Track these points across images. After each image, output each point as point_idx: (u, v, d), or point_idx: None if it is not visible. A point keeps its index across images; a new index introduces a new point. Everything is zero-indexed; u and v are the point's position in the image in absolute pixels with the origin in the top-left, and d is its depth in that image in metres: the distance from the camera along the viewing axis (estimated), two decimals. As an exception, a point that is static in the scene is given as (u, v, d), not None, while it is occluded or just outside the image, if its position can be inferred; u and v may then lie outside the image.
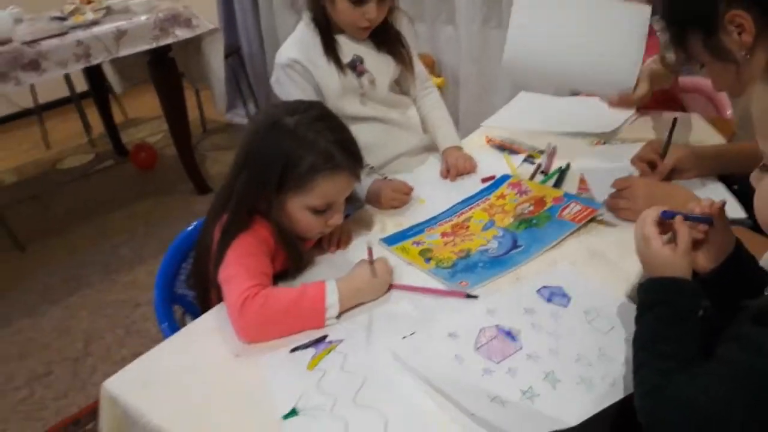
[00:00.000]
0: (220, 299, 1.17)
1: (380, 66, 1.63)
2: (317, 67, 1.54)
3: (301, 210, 1.19)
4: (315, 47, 1.55)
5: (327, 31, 1.55)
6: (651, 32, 1.71)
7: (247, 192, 1.18)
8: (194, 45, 3.08)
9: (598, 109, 1.72)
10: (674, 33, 1.22)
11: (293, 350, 1.04)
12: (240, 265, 1.14)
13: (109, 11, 2.92)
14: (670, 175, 1.42)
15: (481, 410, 0.88)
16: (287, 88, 1.55)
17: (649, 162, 1.45)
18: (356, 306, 1.13)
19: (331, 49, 1.54)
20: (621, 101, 1.62)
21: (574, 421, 0.85)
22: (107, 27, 2.73)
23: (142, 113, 4.48)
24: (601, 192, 1.40)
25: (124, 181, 3.70)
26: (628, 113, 1.76)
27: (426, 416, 0.90)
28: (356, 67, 1.59)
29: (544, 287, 1.12)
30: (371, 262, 1.15)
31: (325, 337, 1.06)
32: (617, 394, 0.89)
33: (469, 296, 1.12)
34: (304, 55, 1.54)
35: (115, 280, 2.77)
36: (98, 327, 2.48)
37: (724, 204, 0.96)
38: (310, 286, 1.12)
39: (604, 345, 0.98)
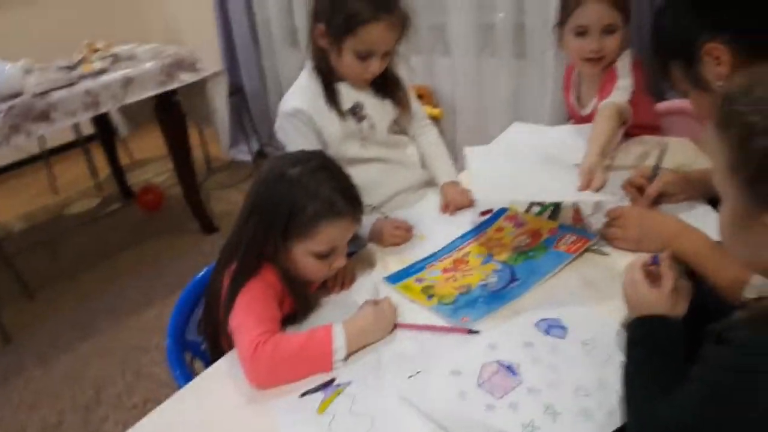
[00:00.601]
0: (230, 346, 1.20)
1: (379, 110, 1.68)
2: (320, 115, 1.59)
3: (305, 256, 1.24)
4: (317, 95, 1.60)
5: (329, 80, 1.61)
6: (609, 75, 1.76)
7: (255, 238, 1.23)
8: (198, 86, 3.14)
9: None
10: (659, 62, 1.30)
11: (303, 395, 1.08)
12: (250, 311, 1.18)
13: (116, 59, 2.97)
14: (659, 199, 1.46)
15: (486, 446, 0.91)
16: (291, 136, 1.59)
17: (638, 187, 1.49)
18: (363, 347, 1.16)
19: (332, 98, 1.60)
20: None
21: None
22: (115, 75, 2.78)
23: (147, 153, 4.54)
24: (595, 221, 1.45)
25: (131, 224, 3.75)
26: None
27: (433, 454, 0.93)
28: (356, 113, 1.64)
29: (542, 320, 1.16)
30: (376, 302, 1.20)
31: (333, 380, 1.10)
32: (615, 423, 0.92)
33: (471, 332, 1.16)
34: (307, 104, 1.59)
35: (123, 325, 2.78)
36: (109, 373, 2.49)
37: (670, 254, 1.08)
38: (318, 330, 1.15)
39: (601, 375, 1.01)
